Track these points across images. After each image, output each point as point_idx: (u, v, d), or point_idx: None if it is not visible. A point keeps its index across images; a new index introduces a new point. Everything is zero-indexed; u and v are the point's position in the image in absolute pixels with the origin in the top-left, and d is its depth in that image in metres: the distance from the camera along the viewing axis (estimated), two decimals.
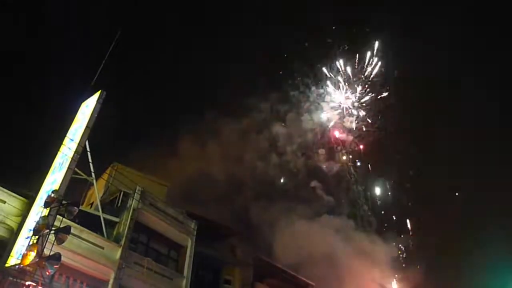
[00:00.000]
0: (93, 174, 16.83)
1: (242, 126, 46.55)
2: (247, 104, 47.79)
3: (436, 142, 53.32)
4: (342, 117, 49.40)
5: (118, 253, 16.21)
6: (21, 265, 11.78)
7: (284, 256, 28.76)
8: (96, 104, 16.47)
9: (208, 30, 62.35)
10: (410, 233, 49.46)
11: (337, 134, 49.81)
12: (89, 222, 15.95)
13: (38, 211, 13.36)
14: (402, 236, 48.24)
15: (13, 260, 12.50)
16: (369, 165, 50.64)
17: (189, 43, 61.42)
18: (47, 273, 11.76)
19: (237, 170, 44.08)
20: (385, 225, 48.48)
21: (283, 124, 48.72)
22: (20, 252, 12.40)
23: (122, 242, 16.60)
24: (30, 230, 12.56)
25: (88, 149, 16.05)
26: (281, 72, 50.80)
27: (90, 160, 16.40)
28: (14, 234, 13.38)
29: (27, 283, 11.52)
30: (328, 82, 49.53)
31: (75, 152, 14.97)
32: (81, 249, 14.73)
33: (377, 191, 50.86)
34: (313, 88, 49.94)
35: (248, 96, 48.61)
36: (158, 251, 19.18)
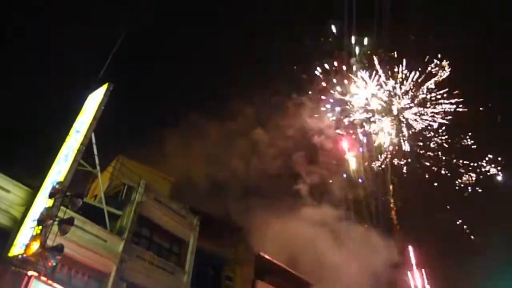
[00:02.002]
0: (98, 166, 16.83)
1: (240, 125, 46.51)
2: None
3: None
4: None
5: (120, 246, 16.22)
6: (24, 255, 11.80)
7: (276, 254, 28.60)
8: (103, 96, 16.46)
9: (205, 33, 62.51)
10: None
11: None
12: (93, 214, 15.96)
13: (42, 201, 13.37)
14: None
15: (16, 249, 12.52)
16: None
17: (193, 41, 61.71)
18: (50, 264, 11.76)
19: (240, 168, 44.07)
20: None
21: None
22: (23, 242, 12.42)
23: (125, 235, 16.61)
24: (34, 220, 12.57)
25: (94, 141, 16.06)
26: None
27: (95, 152, 16.41)
28: (18, 223, 13.39)
29: (29, 273, 11.52)
30: None
31: (80, 144, 14.98)
32: (84, 241, 14.74)
33: None
34: None
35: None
36: (161, 245, 19.16)
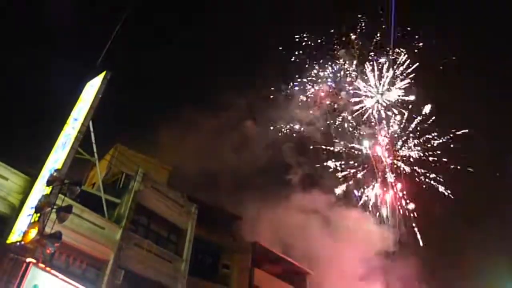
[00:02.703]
0: (95, 154, 16.83)
1: (236, 117, 46.48)
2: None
3: None
4: None
5: (118, 234, 16.31)
6: (22, 242, 11.85)
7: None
8: (100, 84, 16.37)
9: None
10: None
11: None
12: (91, 202, 16.02)
13: (40, 189, 13.40)
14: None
15: (14, 236, 12.58)
16: None
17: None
18: (48, 251, 11.81)
19: (236, 158, 44.18)
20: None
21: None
22: (21, 229, 12.47)
23: (123, 223, 16.69)
24: (32, 207, 12.60)
25: (91, 129, 16.03)
26: None
27: (93, 141, 16.39)
28: (16, 211, 13.43)
29: (27, 260, 11.57)
30: None
31: (78, 132, 14.95)
32: (82, 229, 14.81)
33: None
34: None
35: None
36: (158, 233, 19.27)
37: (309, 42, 48.53)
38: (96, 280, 15.09)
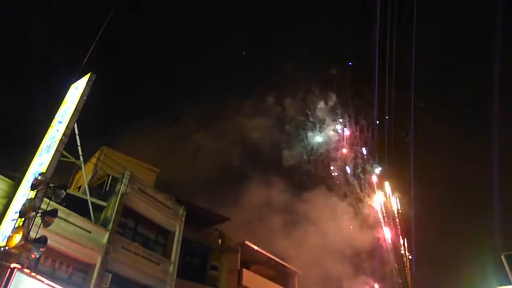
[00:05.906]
0: (81, 157, 16.65)
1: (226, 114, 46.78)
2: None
3: None
4: None
5: (105, 238, 16.15)
6: (7, 247, 11.65)
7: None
8: (85, 86, 16.19)
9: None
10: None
11: None
12: (77, 205, 15.83)
13: (24, 193, 13.18)
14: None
15: None
16: None
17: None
18: (33, 256, 11.64)
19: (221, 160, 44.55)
20: None
21: None
22: (5, 234, 12.24)
23: (110, 227, 16.53)
24: (16, 212, 12.40)
25: (76, 132, 15.84)
26: None
27: (78, 143, 16.19)
28: (0, 216, 13.19)
29: (12, 265, 11.38)
30: None
31: (63, 135, 14.74)
32: (68, 233, 14.63)
33: None
34: None
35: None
36: (146, 236, 19.15)
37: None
38: (83, 284, 14.92)
